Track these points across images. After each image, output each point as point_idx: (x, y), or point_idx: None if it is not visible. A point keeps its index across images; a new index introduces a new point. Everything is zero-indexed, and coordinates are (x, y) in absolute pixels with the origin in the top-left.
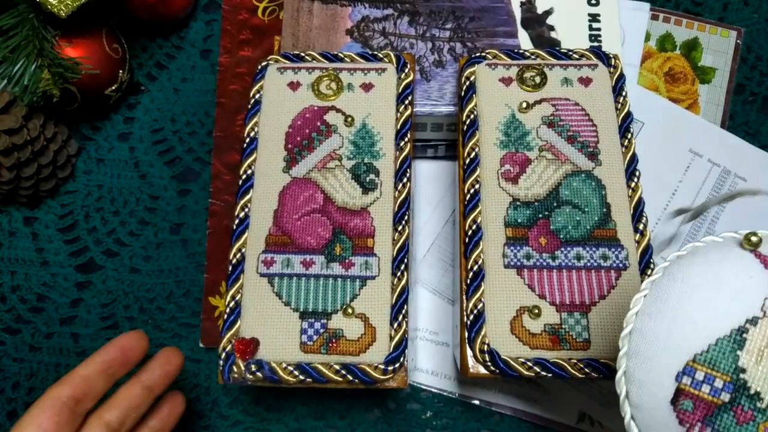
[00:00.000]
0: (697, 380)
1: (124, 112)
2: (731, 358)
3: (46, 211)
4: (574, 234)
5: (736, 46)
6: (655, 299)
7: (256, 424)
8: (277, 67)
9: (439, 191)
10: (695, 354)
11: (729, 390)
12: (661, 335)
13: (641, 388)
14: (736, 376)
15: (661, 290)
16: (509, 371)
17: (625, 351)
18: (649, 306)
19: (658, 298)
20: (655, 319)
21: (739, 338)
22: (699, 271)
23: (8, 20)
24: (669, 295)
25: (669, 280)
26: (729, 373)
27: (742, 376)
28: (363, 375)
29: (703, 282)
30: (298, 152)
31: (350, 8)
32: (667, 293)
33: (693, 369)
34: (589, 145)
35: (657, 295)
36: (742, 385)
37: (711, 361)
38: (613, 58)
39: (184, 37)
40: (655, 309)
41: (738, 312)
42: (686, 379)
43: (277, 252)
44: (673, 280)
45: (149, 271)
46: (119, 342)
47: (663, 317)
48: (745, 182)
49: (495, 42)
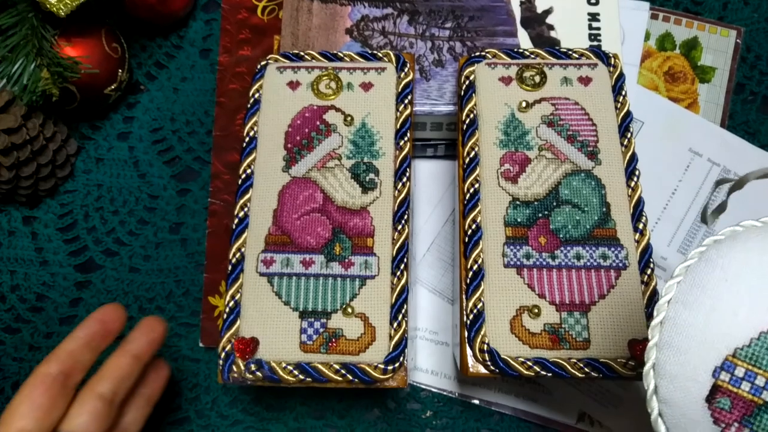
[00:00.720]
0: (737, 377)
1: (123, 112)
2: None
3: (46, 211)
4: (574, 233)
5: (736, 46)
6: (691, 286)
7: (255, 423)
8: (276, 67)
9: (438, 191)
10: (735, 348)
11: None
12: (698, 326)
13: (672, 383)
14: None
15: (697, 277)
16: (509, 371)
17: (655, 342)
18: (684, 294)
19: (695, 285)
20: (691, 308)
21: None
22: (740, 258)
23: (7, 19)
24: (707, 283)
25: (707, 266)
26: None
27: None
28: (363, 374)
29: (745, 270)
30: (298, 151)
31: (350, 7)
32: (705, 281)
33: (732, 364)
34: (588, 144)
35: (693, 282)
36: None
37: (753, 357)
38: (612, 57)
39: (184, 36)
40: (691, 297)
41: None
42: (724, 374)
43: (276, 251)
44: (711, 266)
45: (149, 270)
46: (98, 315)
47: (700, 306)
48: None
49: (494, 41)
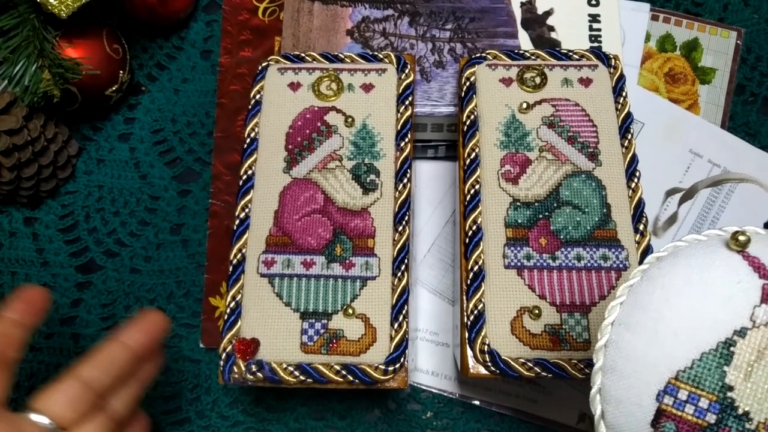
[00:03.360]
0: (680, 400)
1: (124, 113)
2: (717, 374)
3: (47, 212)
4: (575, 234)
5: (736, 47)
6: (633, 307)
7: (256, 424)
8: (277, 68)
9: (439, 192)
10: (678, 370)
11: (715, 410)
12: (640, 349)
13: (618, 408)
14: (722, 394)
15: (639, 297)
16: (509, 371)
17: (600, 365)
18: (626, 315)
19: (636, 306)
20: (633, 330)
21: (726, 352)
22: (681, 275)
23: (9, 21)
24: (648, 303)
25: (648, 285)
26: (715, 391)
27: (730, 394)
28: (363, 375)
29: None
30: (299, 153)
31: (350, 9)
32: (647, 301)
33: (675, 387)
34: (589, 145)
35: (635, 302)
36: (730, 405)
37: (695, 379)
38: (613, 58)
39: (185, 37)
40: (633, 319)
41: (725, 322)
42: (668, 398)
43: (277, 252)
44: (653, 285)
45: (150, 271)
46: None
47: (642, 328)
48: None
49: (495, 42)
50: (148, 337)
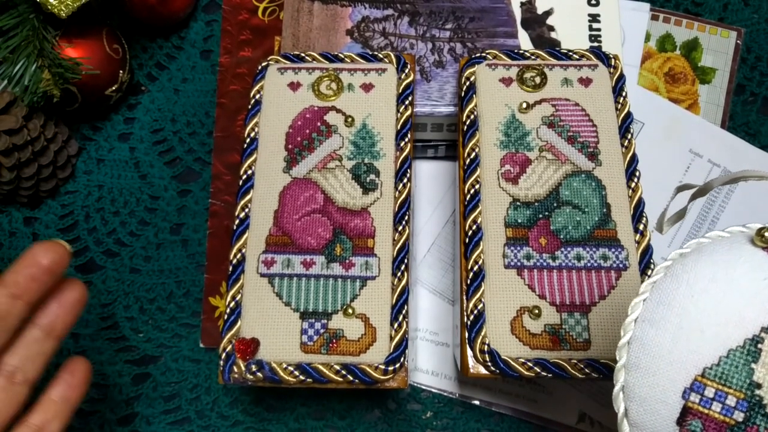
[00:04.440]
0: (707, 397)
1: (124, 113)
2: (745, 371)
3: (47, 212)
4: (575, 234)
5: (736, 47)
6: (657, 304)
7: (256, 424)
8: (277, 68)
9: (439, 191)
10: (704, 367)
11: (743, 408)
12: (665, 346)
13: (642, 406)
14: (750, 392)
15: (663, 294)
16: (509, 371)
17: (623, 363)
18: (650, 312)
19: (661, 302)
20: (658, 327)
21: (754, 349)
22: (706, 272)
23: (8, 21)
24: (673, 300)
25: (672, 282)
26: (742, 389)
27: (758, 392)
28: (363, 375)
29: (712, 285)
30: (299, 152)
31: (350, 8)
32: (671, 297)
33: (702, 385)
34: (589, 145)
35: (659, 299)
36: (758, 403)
37: (722, 376)
38: (613, 58)
39: (185, 37)
40: (657, 315)
41: (752, 319)
42: (694, 396)
43: (277, 252)
44: (677, 282)
45: (149, 271)
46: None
47: (667, 325)
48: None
49: (495, 42)
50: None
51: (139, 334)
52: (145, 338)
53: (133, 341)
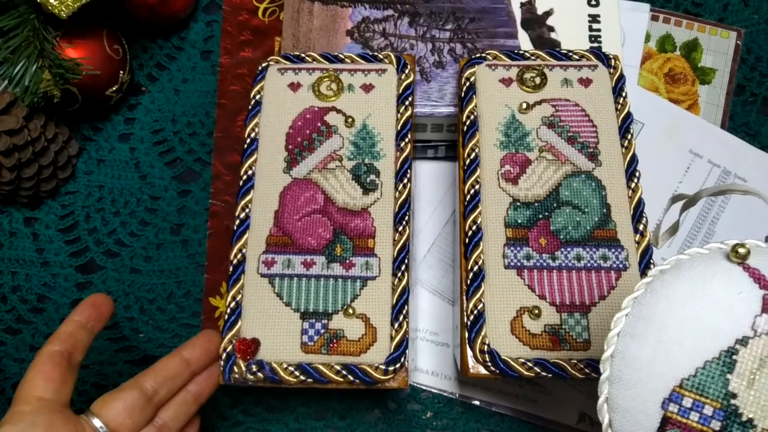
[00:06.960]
0: (685, 407)
1: (124, 113)
2: (721, 382)
3: (47, 212)
4: (574, 234)
5: (736, 47)
6: (638, 319)
7: (256, 424)
8: (277, 68)
9: (439, 192)
10: (682, 379)
11: (719, 417)
12: (646, 358)
13: (625, 417)
14: (726, 402)
15: (644, 309)
16: (509, 371)
17: (606, 375)
18: (631, 326)
19: (641, 317)
20: (639, 340)
21: (729, 360)
22: (684, 287)
23: (9, 21)
24: (653, 315)
25: (652, 297)
26: (719, 398)
27: (733, 401)
28: (364, 375)
29: (689, 300)
30: (299, 153)
31: (350, 9)
32: (651, 312)
33: (680, 395)
34: (589, 145)
35: (640, 314)
36: (734, 412)
37: (699, 387)
38: (613, 58)
39: (185, 38)
40: (638, 330)
41: (727, 332)
42: (673, 406)
43: (277, 252)
44: (656, 297)
45: (150, 271)
46: (90, 300)
47: (647, 339)
48: (745, 182)
49: (495, 43)
50: (205, 354)
51: (139, 334)
52: (146, 338)
53: (134, 341)
